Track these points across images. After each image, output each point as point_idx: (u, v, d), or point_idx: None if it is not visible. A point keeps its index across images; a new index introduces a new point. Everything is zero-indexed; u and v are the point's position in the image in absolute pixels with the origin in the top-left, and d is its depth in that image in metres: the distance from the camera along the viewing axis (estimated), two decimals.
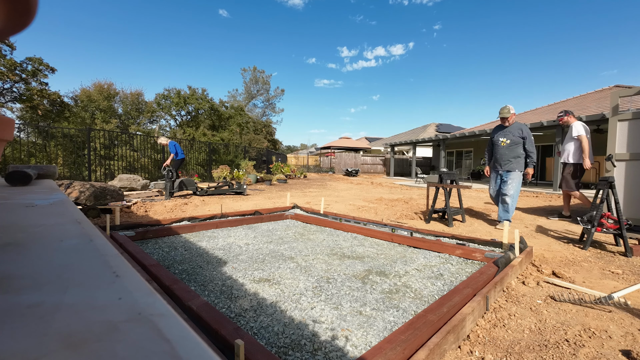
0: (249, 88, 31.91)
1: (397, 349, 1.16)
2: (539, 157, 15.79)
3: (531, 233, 3.80)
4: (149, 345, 0.19)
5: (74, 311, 0.23)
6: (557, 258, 2.79)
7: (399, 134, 33.34)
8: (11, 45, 11.57)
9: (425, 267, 2.43)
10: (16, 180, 1.10)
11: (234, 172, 11.07)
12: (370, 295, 1.88)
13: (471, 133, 14.24)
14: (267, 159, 17.11)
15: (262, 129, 26.63)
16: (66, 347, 0.19)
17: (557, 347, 1.41)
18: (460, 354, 1.37)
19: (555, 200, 7.54)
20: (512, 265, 2.26)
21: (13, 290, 0.26)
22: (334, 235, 3.44)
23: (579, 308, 1.81)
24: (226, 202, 6.24)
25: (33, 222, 0.52)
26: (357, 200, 6.85)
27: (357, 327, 1.50)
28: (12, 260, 0.33)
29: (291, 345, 1.34)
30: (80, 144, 9.94)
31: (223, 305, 1.70)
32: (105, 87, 16.21)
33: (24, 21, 0.28)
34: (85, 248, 0.39)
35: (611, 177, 3.16)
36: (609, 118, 3.83)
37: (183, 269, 2.27)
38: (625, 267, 2.56)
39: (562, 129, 10.25)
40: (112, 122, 14.75)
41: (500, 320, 1.65)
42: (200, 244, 2.97)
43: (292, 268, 2.33)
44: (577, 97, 15.88)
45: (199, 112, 18.78)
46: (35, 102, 12.37)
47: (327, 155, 25.92)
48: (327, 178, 17.57)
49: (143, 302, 0.25)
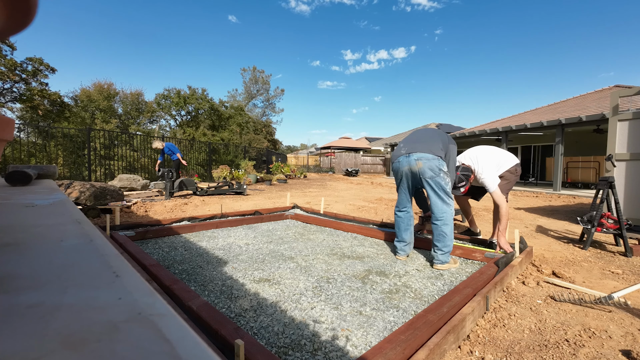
0: (248, 88, 31.89)
1: (397, 349, 1.16)
2: (539, 157, 15.80)
3: (531, 233, 3.80)
4: (149, 345, 0.19)
5: (74, 311, 0.23)
6: (557, 258, 2.79)
7: (399, 134, 33.35)
8: (11, 45, 11.57)
9: (425, 267, 2.43)
10: (16, 180, 1.10)
11: (234, 172, 11.08)
12: (370, 295, 1.88)
13: (471, 133, 14.23)
14: (267, 159, 17.11)
15: (262, 129, 26.62)
16: (66, 347, 0.19)
17: (557, 347, 1.41)
18: (460, 353, 1.37)
19: (555, 200, 7.54)
20: (512, 265, 2.26)
21: (13, 290, 0.26)
22: (334, 235, 3.44)
23: (579, 308, 1.81)
24: (226, 202, 6.24)
25: (33, 222, 0.52)
26: (357, 200, 6.85)
27: (357, 327, 1.50)
28: (12, 260, 0.33)
29: (291, 345, 1.34)
30: (80, 144, 9.94)
31: (223, 305, 1.70)
32: (105, 87, 16.21)
33: (24, 21, 0.28)
34: (85, 248, 0.39)
35: (611, 177, 3.17)
36: (609, 118, 3.83)
37: (183, 269, 2.27)
38: (625, 267, 2.56)
39: (562, 129, 10.25)
40: (112, 122, 14.75)
41: (500, 320, 1.65)
42: (200, 244, 2.97)
43: (292, 268, 2.33)
44: (577, 97, 15.88)
45: (199, 112, 18.77)
46: (35, 102, 12.37)
47: (327, 155, 25.93)
48: (327, 178, 17.57)
49: (143, 302, 0.25)
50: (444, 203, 2.40)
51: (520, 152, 16.42)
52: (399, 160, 2.55)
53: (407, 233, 2.62)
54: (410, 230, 2.63)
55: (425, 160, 2.38)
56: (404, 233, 2.62)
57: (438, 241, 2.39)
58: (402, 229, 2.63)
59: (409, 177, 2.51)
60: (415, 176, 2.46)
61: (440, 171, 2.39)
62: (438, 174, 2.37)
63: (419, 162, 2.40)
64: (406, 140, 2.64)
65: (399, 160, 2.55)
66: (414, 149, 2.47)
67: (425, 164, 2.38)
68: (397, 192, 2.71)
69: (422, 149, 2.43)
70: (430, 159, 2.38)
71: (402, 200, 2.64)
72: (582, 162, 11.66)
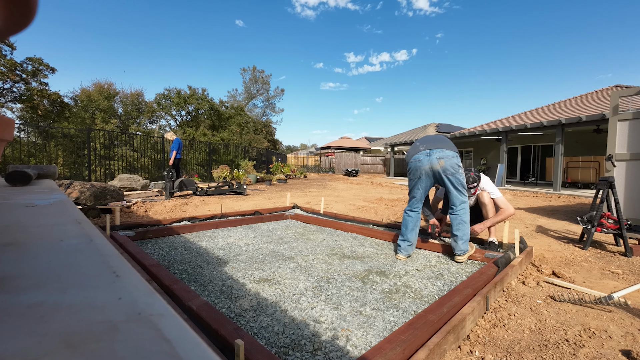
0: (248, 88, 31.89)
1: (397, 349, 1.16)
2: (538, 157, 15.80)
3: (531, 233, 3.80)
4: (149, 345, 0.19)
5: (74, 311, 0.23)
6: (557, 258, 2.79)
7: (399, 134, 33.32)
8: (11, 45, 11.57)
9: (425, 267, 2.43)
10: (16, 180, 1.10)
11: (234, 172, 11.07)
12: (370, 295, 1.88)
13: (471, 133, 14.23)
14: (267, 159, 17.11)
15: (262, 129, 26.62)
16: (66, 347, 0.19)
17: (557, 347, 1.41)
18: (460, 354, 1.37)
19: (555, 200, 7.54)
20: (512, 265, 2.26)
21: (13, 290, 0.26)
22: (334, 235, 3.44)
23: (579, 308, 1.81)
24: (226, 202, 6.24)
25: (33, 222, 0.52)
26: (357, 200, 6.85)
27: (357, 327, 1.50)
28: (12, 260, 0.33)
29: (291, 345, 1.34)
30: (80, 144, 9.94)
31: (223, 305, 1.70)
32: (106, 87, 16.21)
33: (24, 21, 0.28)
34: (85, 248, 0.39)
35: (611, 177, 3.17)
36: (609, 118, 3.83)
37: (183, 269, 2.27)
38: (625, 267, 2.56)
39: (562, 129, 10.25)
40: (112, 122, 14.75)
41: (500, 320, 1.65)
42: (200, 244, 2.97)
43: (292, 268, 2.33)
44: (577, 97, 15.88)
45: (199, 112, 18.77)
46: (35, 102, 12.37)
47: (327, 155, 25.92)
48: (327, 178, 17.57)
49: (143, 302, 0.25)
50: (463, 195, 2.54)
51: (520, 152, 16.42)
52: (418, 159, 2.58)
53: (413, 233, 2.65)
54: (416, 231, 2.67)
55: (446, 158, 2.49)
56: (410, 233, 2.64)
57: (458, 230, 2.49)
58: (409, 228, 2.65)
59: (429, 175, 2.56)
60: (435, 174, 2.54)
61: (460, 167, 2.54)
62: (457, 171, 2.52)
63: (441, 160, 2.49)
64: (422, 140, 2.70)
65: (418, 159, 2.58)
66: (435, 146, 2.56)
67: (447, 162, 2.49)
68: (409, 192, 2.72)
69: (442, 147, 2.55)
70: (451, 157, 2.51)
71: (416, 199, 2.68)
72: (582, 162, 11.66)
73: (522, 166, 16.62)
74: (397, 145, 21.18)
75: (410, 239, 2.63)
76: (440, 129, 26.88)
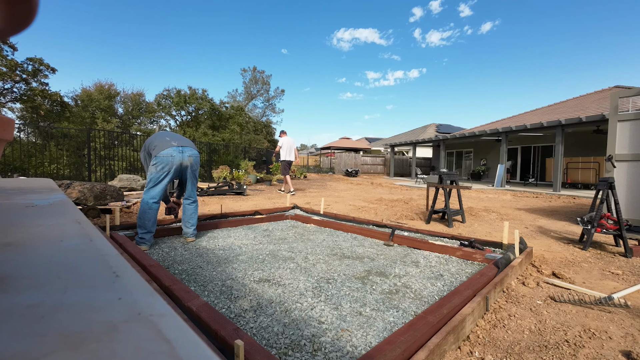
0: (248, 88, 31.88)
1: (397, 350, 1.16)
2: (538, 158, 15.79)
3: (531, 234, 3.80)
4: (149, 345, 0.19)
5: (74, 311, 0.23)
6: (557, 259, 2.78)
7: (399, 135, 33.33)
8: (12, 45, 11.57)
9: (425, 267, 2.43)
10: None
11: (234, 173, 11.07)
12: (370, 295, 1.87)
13: (471, 133, 14.24)
14: (267, 159, 17.10)
15: (262, 129, 26.62)
16: (66, 347, 0.19)
17: (557, 348, 1.41)
18: (460, 354, 1.37)
19: (555, 201, 7.54)
20: (512, 266, 2.26)
21: (13, 291, 0.26)
22: (334, 236, 3.44)
23: (579, 309, 1.81)
24: (226, 202, 6.24)
25: (33, 222, 0.52)
26: (357, 201, 6.85)
27: (357, 328, 1.50)
28: (12, 260, 0.33)
29: (291, 345, 1.34)
30: (81, 144, 9.94)
31: (223, 306, 1.70)
32: (106, 87, 16.21)
33: (25, 21, 0.28)
34: (85, 248, 0.39)
35: (611, 177, 3.16)
36: (609, 118, 3.83)
37: (183, 269, 2.27)
38: (625, 268, 2.56)
39: (562, 130, 10.25)
40: (112, 122, 14.74)
41: (500, 321, 1.65)
42: (200, 244, 2.97)
43: (292, 268, 2.33)
44: (577, 98, 15.89)
45: (199, 112, 18.76)
46: (36, 102, 12.37)
47: (327, 155, 25.91)
48: (327, 178, 17.56)
49: (143, 303, 0.25)
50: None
51: (520, 153, 16.42)
52: (171, 154, 2.82)
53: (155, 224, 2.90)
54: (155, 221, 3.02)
55: (194, 156, 2.97)
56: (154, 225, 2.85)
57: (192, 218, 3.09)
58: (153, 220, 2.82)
59: (177, 169, 2.89)
60: (183, 169, 2.93)
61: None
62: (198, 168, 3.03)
63: (190, 157, 2.92)
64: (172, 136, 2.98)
65: (171, 154, 2.82)
66: (185, 144, 2.92)
67: (195, 159, 2.97)
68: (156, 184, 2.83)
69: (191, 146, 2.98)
70: (197, 155, 3.00)
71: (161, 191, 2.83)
72: (582, 162, 11.66)
73: (522, 167, 16.62)
74: (397, 145, 21.19)
75: (153, 229, 2.82)
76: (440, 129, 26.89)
